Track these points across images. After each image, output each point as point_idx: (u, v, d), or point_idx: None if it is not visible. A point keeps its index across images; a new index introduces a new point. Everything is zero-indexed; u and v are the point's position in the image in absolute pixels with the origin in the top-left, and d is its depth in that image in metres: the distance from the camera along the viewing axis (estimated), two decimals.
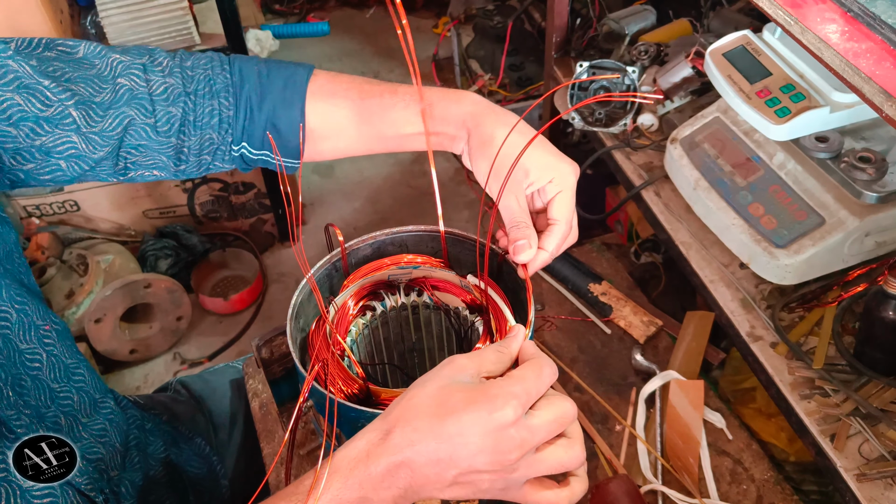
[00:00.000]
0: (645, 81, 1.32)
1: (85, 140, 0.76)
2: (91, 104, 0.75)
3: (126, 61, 0.78)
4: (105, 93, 0.76)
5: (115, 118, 0.77)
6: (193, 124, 0.80)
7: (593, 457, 1.02)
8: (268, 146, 0.83)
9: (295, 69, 0.83)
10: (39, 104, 0.73)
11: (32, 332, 0.78)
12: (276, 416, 1.07)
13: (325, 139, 0.84)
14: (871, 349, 0.90)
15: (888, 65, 0.63)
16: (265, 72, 0.82)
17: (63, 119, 0.74)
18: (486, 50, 2.34)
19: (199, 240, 2.19)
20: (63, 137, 0.75)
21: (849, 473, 0.85)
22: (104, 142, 0.77)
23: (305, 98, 0.82)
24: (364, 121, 0.82)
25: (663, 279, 1.54)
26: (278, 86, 0.82)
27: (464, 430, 0.56)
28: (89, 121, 0.75)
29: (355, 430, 0.70)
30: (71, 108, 0.74)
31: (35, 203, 2.06)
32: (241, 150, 0.84)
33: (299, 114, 0.81)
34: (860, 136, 1.00)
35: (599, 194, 1.84)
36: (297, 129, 0.81)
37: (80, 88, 0.75)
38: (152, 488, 0.95)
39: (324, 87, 0.83)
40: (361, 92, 0.82)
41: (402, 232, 0.85)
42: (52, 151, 0.76)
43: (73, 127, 0.75)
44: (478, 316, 0.80)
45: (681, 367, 1.09)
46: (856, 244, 0.97)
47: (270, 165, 0.85)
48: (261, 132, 0.82)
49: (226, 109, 0.81)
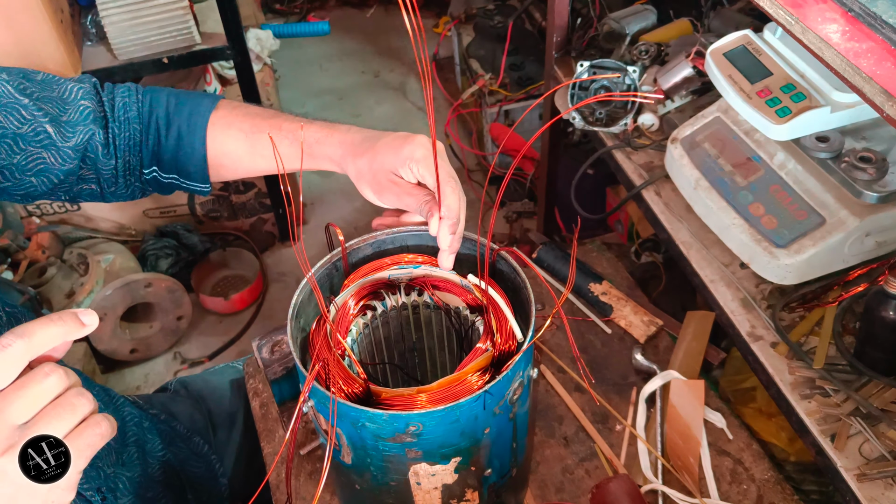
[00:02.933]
0: (645, 81, 1.32)
1: (56, 154, 0.83)
2: (61, 121, 0.83)
3: (84, 87, 0.86)
4: (70, 113, 0.84)
5: (83, 133, 0.84)
6: (118, 148, 0.87)
7: (593, 457, 1.02)
8: (175, 171, 0.91)
9: (201, 100, 0.90)
10: (17, 122, 0.79)
11: None
12: (276, 415, 1.07)
13: (222, 166, 0.92)
14: (872, 349, 0.90)
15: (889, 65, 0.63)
16: (174, 102, 0.90)
17: (36, 136, 0.81)
18: (487, 49, 2.34)
19: (199, 239, 2.19)
20: (34, 154, 0.82)
21: (849, 473, 0.85)
22: (74, 155, 0.84)
23: (207, 128, 0.89)
24: (254, 153, 0.90)
25: (664, 279, 1.54)
26: (184, 115, 0.89)
27: None
28: (63, 136, 0.82)
29: (355, 430, 0.70)
30: (46, 125, 0.81)
31: (35, 203, 2.06)
32: (153, 174, 0.91)
33: (201, 142, 0.89)
34: (861, 135, 1.00)
35: (600, 194, 1.84)
36: (200, 156, 0.89)
37: (50, 108, 0.82)
38: (150, 485, 0.95)
39: (223, 119, 0.90)
40: (253, 126, 0.89)
41: (402, 232, 0.85)
42: (26, 169, 0.82)
43: (47, 142, 0.82)
44: (478, 316, 0.80)
45: (681, 366, 1.09)
46: (856, 244, 0.97)
47: (182, 188, 0.93)
48: (169, 157, 0.90)
49: (137, 135, 0.88)
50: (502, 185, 0.89)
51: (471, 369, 0.72)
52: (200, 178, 0.91)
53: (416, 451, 0.70)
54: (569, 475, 1.00)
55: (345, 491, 0.86)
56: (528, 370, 0.76)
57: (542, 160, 1.78)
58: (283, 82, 2.95)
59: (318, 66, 3.10)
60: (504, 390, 0.71)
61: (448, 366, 0.92)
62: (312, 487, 0.98)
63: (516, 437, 0.79)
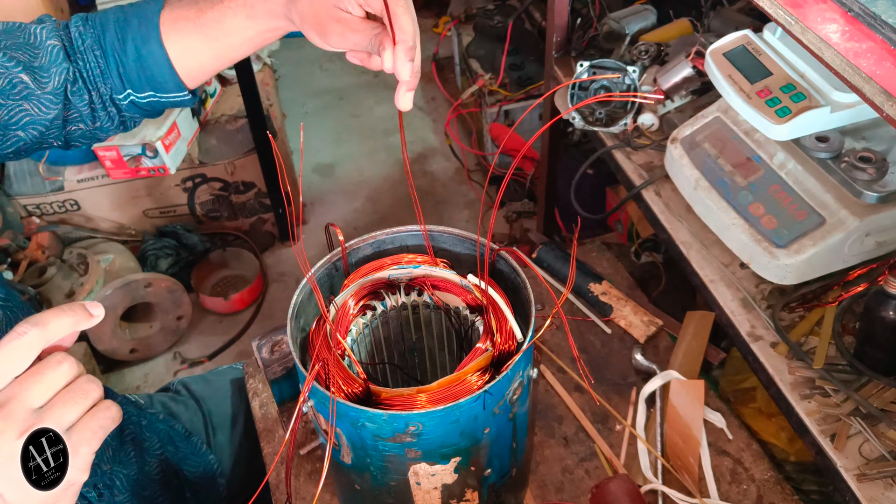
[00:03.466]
0: (645, 81, 1.32)
1: (38, 103, 0.80)
2: (34, 68, 0.80)
3: (47, 26, 0.83)
4: (41, 56, 0.81)
5: (57, 75, 0.81)
6: (87, 80, 0.84)
7: (593, 457, 1.02)
8: (149, 87, 0.87)
9: (146, 6, 0.86)
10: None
11: None
12: (276, 415, 1.07)
13: (188, 66, 0.87)
14: (872, 349, 0.90)
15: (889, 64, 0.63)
16: (121, 17, 0.85)
17: (13, 88, 0.78)
18: (487, 49, 2.34)
19: (199, 239, 2.19)
20: (16, 107, 0.79)
21: (849, 473, 0.85)
22: (55, 99, 0.81)
23: (159, 29, 0.84)
24: (206, 37, 0.85)
25: (663, 279, 1.54)
26: (134, 25, 0.85)
27: None
28: (39, 83, 0.80)
29: (355, 430, 0.70)
30: (20, 74, 0.78)
31: (35, 202, 2.06)
32: (129, 97, 0.87)
33: (159, 46, 0.84)
34: (861, 135, 1.00)
35: (600, 194, 1.84)
36: (164, 62, 0.85)
37: (20, 55, 0.79)
38: (147, 484, 0.95)
39: (170, 16, 0.85)
40: (198, 11, 0.84)
41: (402, 231, 0.85)
42: (9, 124, 0.79)
43: (25, 93, 0.79)
44: (478, 315, 0.80)
45: (681, 366, 1.09)
46: (856, 244, 0.97)
47: (164, 104, 0.89)
48: (135, 74, 0.86)
49: (100, 60, 0.84)
50: (502, 185, 0.89)
51: (471, 369, 0.72)
52: (175, 87, 0.87)
53: (415, 451, 0.70)
54: (569, 475, 1.00)
55: (345, 491, 0.86)
56: (528, 370, 0.76)
57: (542, 160, 1.78)
58: (283, 82, 2.95)
59: (318, 66, 3.10)
60: (504, 390, 0.71)
61: (448, 366, 0.92)
62: (312, 487, 0.98)
63: (516, 437, 0.79)
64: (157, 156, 1.98)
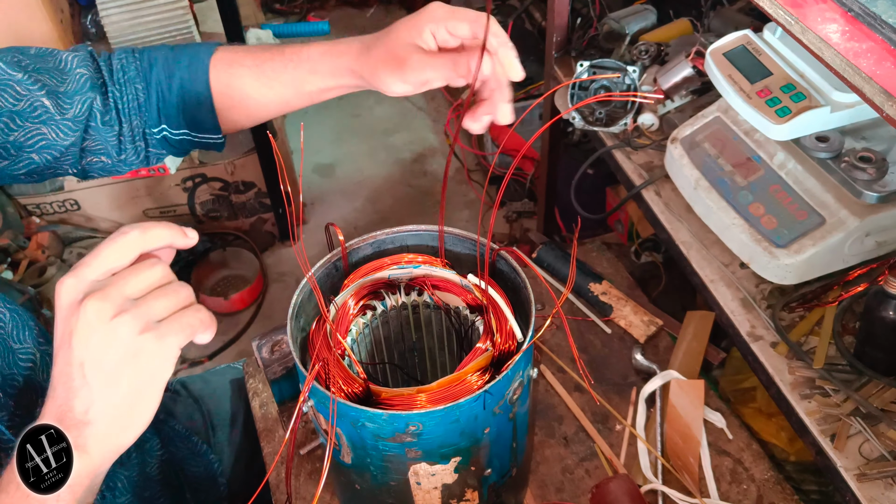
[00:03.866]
0: (645, 81, 1.32)
1: (56, 128, 0.80)
2: (58, 93, 0.80)
3: (79, 55, 0.83)
4: (68, 83, 0.81)
5: (81, 103, 0.81)
6: (122, 112, 0.85)
7: (593, 457, 1.02)
8: (185, 125, 0.87)
9: (199, 48, 0.87)
10: (12, 98, 0.77)
11: (26, 331, 0.79)
12: (276, 415, 1.07)
13: (232, 108, 0.87)
14: (872, 349, 0.90)
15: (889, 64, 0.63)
16: (171, 55, 0.86)
17: (33, 112, 0.79)
18: None
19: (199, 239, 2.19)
20: (33, 130, 0.79)
21: (849, 473, 0.85)
22: (75, 126, 0.81)
23: (209, 72, 0.85)
24: (262, 84, 0.85)
25: (663, 279, 1.54)
26: (184, 64, 0.85)
27: None
28: (60, 109, 0.80)
29: (355, 430, 0.70)
30: (42, 98, 0.78)
31: (35, 202, 2.06)
32: (163, 133, 0.88)
33: (205, 87, 0.85)
34: (861, 135, 1.00)
35: (600, 194, 1.84)
36: (207, 103, 0.85)
37: (46, 79, 0.79)
38: (148, 485, 0.95)
39: (224, 59, 0.86)
40: (256, 58, 0.85)
41: (402, 231, 0.85)
42: (24, 146, 0.80)
43: (45, 117, 0.79)
44: (478, 315, 0.80)
45: (681, 366, 1.09)
46: (856, 244, 0.97)
47: (195, 144, 0.90)
48: (175, 111, 0.86)
49: (141, 94, 0.85)
50: (502, 184, 0.89)
51: (471, 369, 0.72)
52: (212, 128, 0.88)
53: (415, 450, 0.70)
54: (569, 475, 1.00)
55: (345, 491, 0.86)
56: (528, 370, 0.76)
57: (542, 160, 1.78)
58: None
59: None
60: (504, 390, 0.71)
61: (448, 366, 0.92)
62: (312, 487, 0.98)
63: (516, 436, 0.79)
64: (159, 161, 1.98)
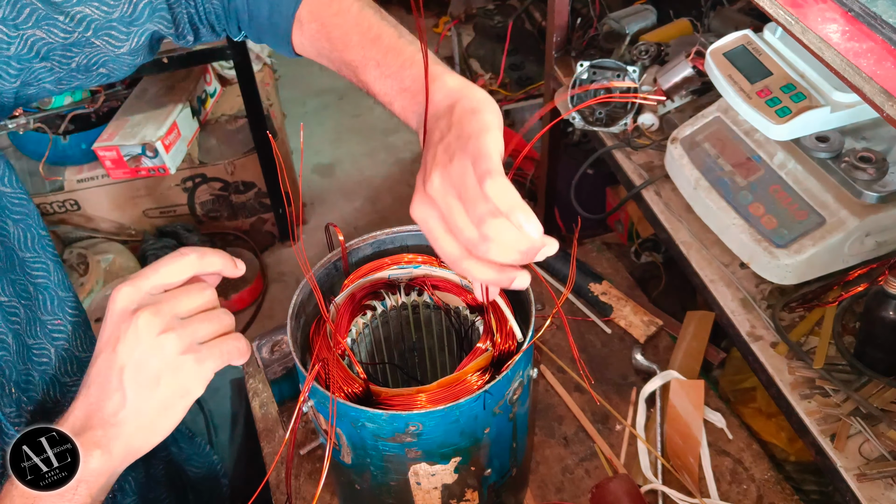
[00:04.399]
0: (645, 81, 1.32)
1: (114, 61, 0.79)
2: (110, 25, 0.76)
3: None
4: (121, 6, 0.76)
5: (138, 35, 0.79)
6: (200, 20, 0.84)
7: (593, 457, 1.02)
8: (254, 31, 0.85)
9: None
10: (62, 33, 0.74)
11: (38, 327, 0.78)
12: (276, 415, 1.07)
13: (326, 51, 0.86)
14: (872, 349, 0.90)
15: (889, 64, 0.63)
16: None
17: (87, 45, 0.76)
18: (487, 49, 2.34)
19: (199, 239, 2.19)
20: (94, 51, 0.77)
21: (849, 473, 0.85)
22: (131, 57, 0.80)
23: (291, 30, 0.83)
24: (333, 61, 0.85)
25: (663, 279, 1.54)
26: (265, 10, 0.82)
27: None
28: (112, 45, 0.77)
29: (355, 430, 0.70)
30: (92, 38, 0.76)
31: (35, 202, 2.05)
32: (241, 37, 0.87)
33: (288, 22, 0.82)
34: (861, 135, 1.00)
35: (600, 194, 1.84)
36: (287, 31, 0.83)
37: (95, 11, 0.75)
38: (153, 486, 0.95)
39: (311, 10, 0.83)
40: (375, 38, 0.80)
41: (402, 231, 0.85)
42: (90, 65, 0.78)
43: (100, 53, 0.77)
44: (478, 315, 0.80)
45: (681, 366, 1.09)
46: (856, 244, 0.97)
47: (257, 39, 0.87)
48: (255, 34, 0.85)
49: (220, 9, 0.83)
50: None
51: (471, 369, 0.72)
52: (287, 48, 0.87)
53: (415, 450, 0.70)
54: (569, 475, 1.00)
55: (345, 491, 0.86)
56: (528, 370, 0.76)
57: (542, 160, 1.78)
58: (283, 82, 2.94)
59: (318, 66, 3.10)
60: (504, 390, 0.71)
61: (448, 366, 0.92)
62: (312, 487, 0.98)
63: (516, 437, 0.79)
64: (157, 156, 1.98)
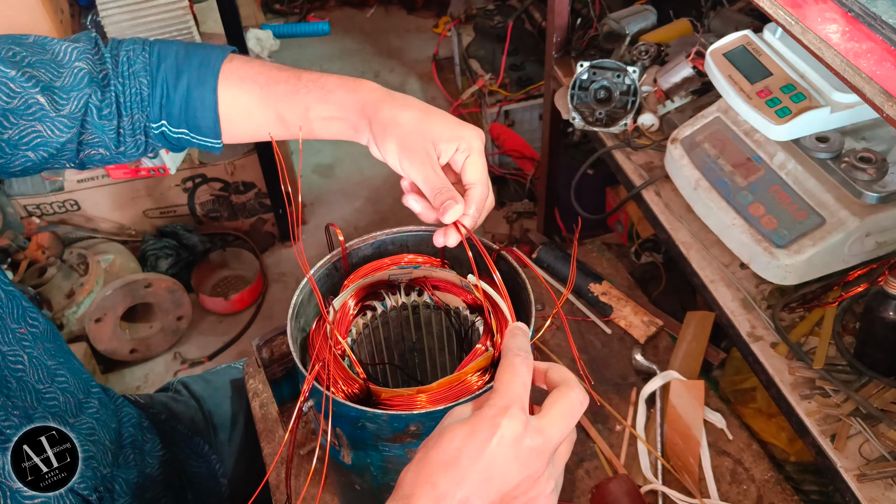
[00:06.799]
0: (645, 81, 1.32)
1: (51, 125, 0.78)
2: (53, 89, 0.78)
3: (80, 47, 0.81)
4: (65, 77, 0.79)
5: (77, 100, 0.80)
6: (123, 105, 0.83)
7: (593, 457, 1.02)
8: (186, 125, 0.86)
9: (211, 51, 0.86)
10: (5, 97, 0.75)
11: (10, 334, 0.79)
12: (276, 415, 1.07)
13: (236, 121, 0.87)
14: (872, 349, 0.90)
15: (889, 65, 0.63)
16: (182, 52, 0.85)
17: (27, 109, 0.77)
18: (487, 50, 2.34)
19: (199, 239, 2.19)
20: (28, 128, 0.77)
21: (849, 473, 0.85)
22: (70, 124, 0.80)
23: (218, 79, 0.84)
24: (269, 105, 0.84)
25: (663, 279, 1.54)
26: (194, 65, 0.84)
27: (484, 466, 0.54)
28: (56, 105, 0.78)
29: (355, 430, 0.70)
30: (37, 95, 0.77)
31: (35, 203, 2.06)
32: (162, 128, 0.87)
33: (212, 93, 0.84)
34: (861, 136, 1.00)
35: (600, 194, 1.84)
36: (211, 109, 0.84)
37: (42, 74, 0.78)
38: (149, 486, 0.95)
39: (236, 71, 0.85)
40: (269, 78, 0.84)
41: (402, 232, 0.85)
42: (20, 144, 0.78)
43: (40, 114, 0.77)
44: (478, 315, 0.80)
45: (681, 367, 1.09)
46: (856, 244, 0.97)
47: (192, 144, 0.88)
48: (178, 111, 0.85)
49: (145, 88, 0.84)
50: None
51: (470, 369, 0.72)
52: (212, 133, 0.87)
53: (415, 451, 0.70)
54: (569, 475, 1.00)
55: (345, 491, 0.86)
56: None
57: (542, 160, 1.78)
58: None
59: (318, 67, 3.10)
60: None
61: (448, 366, 0.92)
62: (312, 487, 0.98)
63: None
64: (157, 156, 1.98)
